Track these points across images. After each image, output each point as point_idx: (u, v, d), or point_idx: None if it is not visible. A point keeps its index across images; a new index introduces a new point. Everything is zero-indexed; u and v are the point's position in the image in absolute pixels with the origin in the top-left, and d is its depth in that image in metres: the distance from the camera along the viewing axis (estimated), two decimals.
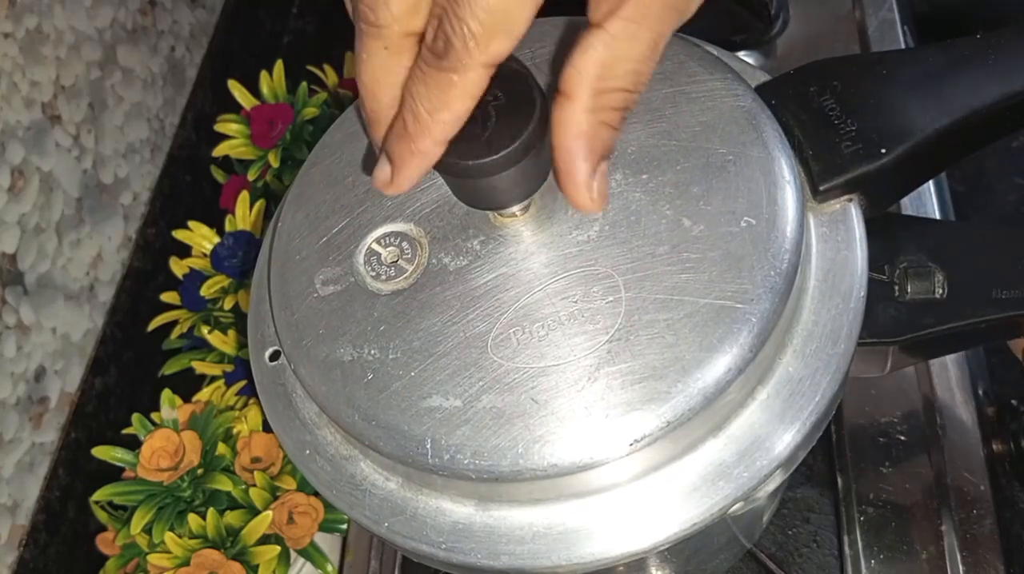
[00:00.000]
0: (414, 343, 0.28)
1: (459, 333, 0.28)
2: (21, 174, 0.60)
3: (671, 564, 0.46)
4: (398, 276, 0.30)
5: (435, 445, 0.27)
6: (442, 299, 0.29)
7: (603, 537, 0.28)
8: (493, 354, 0.27)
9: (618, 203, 0.29)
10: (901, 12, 0.71)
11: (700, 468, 0.28)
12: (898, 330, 0.31)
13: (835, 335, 0.29)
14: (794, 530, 0.54)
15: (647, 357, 0.26)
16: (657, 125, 0.30)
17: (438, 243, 0.30)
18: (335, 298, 0.30)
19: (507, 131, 0.25)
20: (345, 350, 0.29)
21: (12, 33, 0.60)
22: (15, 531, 0.57)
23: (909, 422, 0.54)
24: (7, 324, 0.58)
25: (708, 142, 0.30)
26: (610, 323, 0.27)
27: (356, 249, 0.30)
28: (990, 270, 0.31)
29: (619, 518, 0.28)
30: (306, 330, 0.30)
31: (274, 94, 0.72)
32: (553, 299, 0.28)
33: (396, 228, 0.30)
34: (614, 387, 0.26)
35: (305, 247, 0.31)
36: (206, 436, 0.56)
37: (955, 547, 0.50)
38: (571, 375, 0.26)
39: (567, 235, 0.29)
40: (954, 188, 0.64)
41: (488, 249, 0.29)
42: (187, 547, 0.52)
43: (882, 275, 0.31)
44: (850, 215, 0.30)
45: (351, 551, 0.58)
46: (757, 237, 0.27)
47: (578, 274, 0.28)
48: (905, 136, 0.30)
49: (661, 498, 0.28)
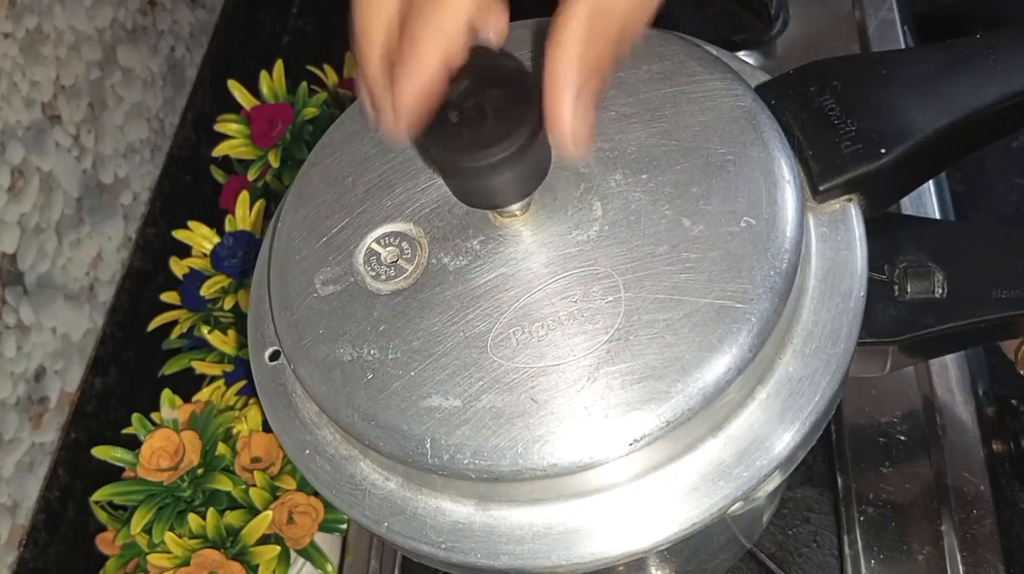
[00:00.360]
0: (414, 343, 0.28)
1: (459, 333, 0.28)
2: (21, 174, 0.60)
3: (671, 564, 0.46)
4: (398, 276, 0.30)
5: (435, 445, 0.27)
6: (442, 299, 0.29)
7: (603, 537, 0.28)
8: (493, 354, 0.27)
9: (618, 203, 0.29)
10: (901, 12, 0.71)
11: (700, 468, 0.28)
12: (898, 330, 0.31)
13: (835, 335, 0.29)
14: (794, 530, 0.54)
15: (647, 357, 0.26)
16: (657, 125, 0.30)
17: (438, 243, 0.30)
18: (335, 298, 0.30)
19: (504, 130, 0.25)
20: (345, 350, 0.29)
21: (12, 33, 0.60)
22: (15, 531, 0.57)
23: (909, 422, 0.54)
24: (7, 324, 0.58)
25: (708, 142, 0.30)
26: (610, 323, 0.27)
27: (356, 249, 0.30)
28: (990, 270, 0.31)
29: (619, 518, 0.28)
30: (306, 330, 0.30)
31: (274, 94, 0.72)
32: (553, 299, 0.28)
33: (396, 228, 0.30)
34: (614, 387, 0.26)
35: (305, 247, 0.31)
36: (206, 436, 0.56)
37: (955, 547, 0.50)
38: (571, 375, 0.26)
39: (567, 235, 0.29)
40: (954, 188, 0.64)
41: (488, 249, 0.29)
42: (187, 547, 0.52)
43: (882, 275, 0.31)
44: (850, 215, 0.30)
45: (351, 551, 0.58)
46: (757, 237, 0.27)
47: (578, 274, 0.28)
48: (905, 136, 0.30)
49: (661, 498, 0.28)
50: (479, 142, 0.25)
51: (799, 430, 0.28)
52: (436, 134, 0.25)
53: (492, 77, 0.25)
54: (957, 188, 0.64)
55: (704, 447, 0.28)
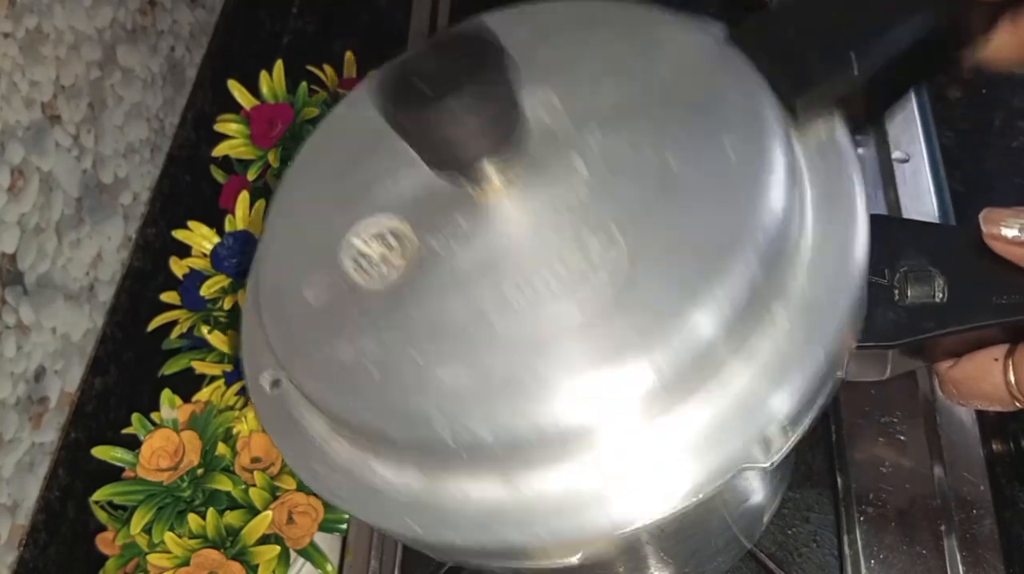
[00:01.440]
0: (414, 332, 0.28)
1: (459, 313, 0.27)
2: (21, 174, 0.60)
3: (671, 565, 0.46)
4: (388, 270, 0.29)
5: (453, 424, 0.26)
6: (437, 284, 0.28)
7: (638, 495, 0.26)
8: (497, 326, 0.27)
9: (601, 160, 0.28)
10: None
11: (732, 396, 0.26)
12: (898, 334, 0.31)
13: (843, 254, 0.28)
14: (794, 530, 0.54)
15: (657, 299, 0.25)
16: (628, 79, 0.30)
17: (424, 231, 0.29)
18: (328, 306, 0.29)
19: (461, 77, 0.25)
20: (345, 353, 0.28)
21: (12, 33, 0.60)
22: (15, 531, 0.57)
23: (909, 422, 0.55)
24: (7, 324, 0.58)
25: (683, 87, 0.29)
26: (614, 273, 0.26)
27: (343, 252, 0.30)
28: (991, 275, 0.31)
29: (654, 471, 0.26)
30: (303, 344, 0.29)
31: (274, 94, 0.72)
32: (552, 261, 0.27)
33: (380, 222, 0.30)
34: (628, 333, 0.25)
35: (291, 260, 0.31)
36: (206, 436, 0.56)
37: (955, 547, 0.50)
38: (582, 330, 0.26)
39: (555, 200, 0.28)
40: (954, 188, 0.64)
41: (477, 228, 0.28)
42: (187, 547, 0.52)
43: (882, 279, 0.31)
44: (839, 142, 0.30)
45: (351, 551, 0.58)
46: (747, 166, 0.27)
47: (571, 234, 0.27)
48: (874, 42, 0.30)
49: (693, 439, 0.26)
50: (437, 92, 0.25)
51: (826, 348, 0.26)
52: (398, 96, 0.25)
53: (460, 48, 0.25)
54: (957, 188, 0.64)
55: (731, 373, 0.26)
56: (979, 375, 0.33)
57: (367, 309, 0.29)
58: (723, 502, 0.43)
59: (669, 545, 0.45)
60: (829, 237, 0.28)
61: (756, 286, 0.25)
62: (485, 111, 0.25)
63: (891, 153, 0.65)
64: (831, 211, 0.29)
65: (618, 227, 0.27)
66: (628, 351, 0.25)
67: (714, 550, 0.50)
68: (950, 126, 0.68)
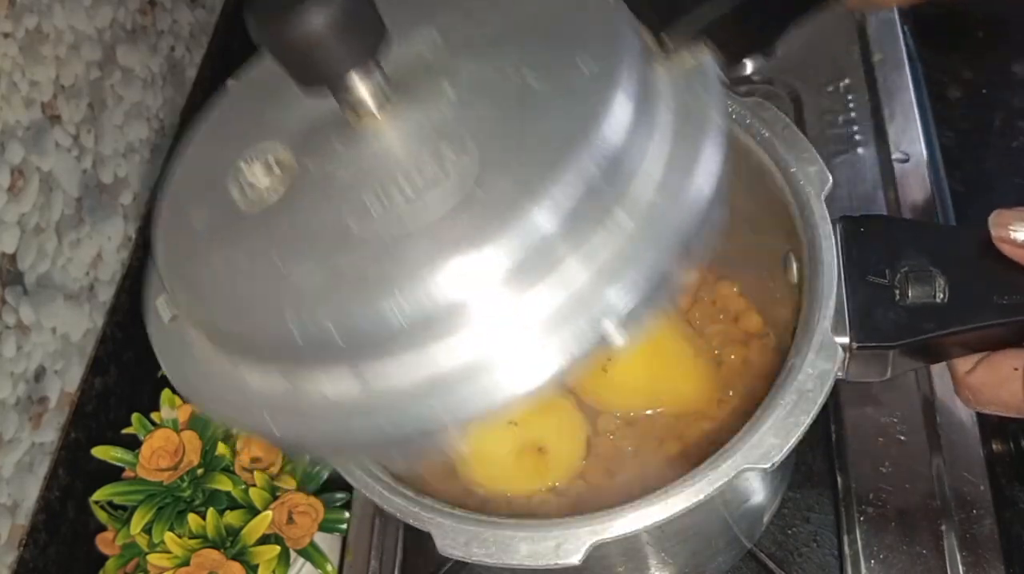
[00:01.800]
0: (281, 245, 0.29)
1: (322, 224, 0.29)
2: (21, 174, 0.60)
3: (672, 565, 0.46)
4: (269, 195, 0.31)
5: (300, 321, 0.27)
6: (309, 201, 0.30)
7: (508, 370, 0.27)
8: (355, 232, 0.28)
9: (467, 83, 0.30)
10: (901, 12, 0.71)
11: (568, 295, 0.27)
12: (899, 334, 0.31)
13: (693, 174, 0.29)
14: (794, 530, 0.54)
15: (502, 193, 0.27)
16: (498, 14, 0.32)
17: (304, 155, 0.31)
18: (209, 229, 0.31)
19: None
20: (216, 266, 0.30)
21: (12, 33, 0.60)
22: (15, 531, 0.57)
23: (909, 422, 0.55)
24: (7, 324, 0.57)
25: (549, 18, 0.31)
26: (465, 174, 0.28)
27: (228, 179, 0.32)
28: (992, 275, 0.31)
29: (521, 347, 0.27)
30: (182, 263, 0.31)
31: None
32: (411, 172, 0.29)
33: (264, 150, 0.32)
34: (475, 222, 0.26)
35: (185, 194, 0.34)
36: (206, 436, 0.56)
37: (955, 547, 0.50)
38: (433, 227, 0.27)
39: (423, 121, 0.30)
40: (954, 188, 0.64)
41: (350, 149, 0.30)
42: (187, 547, 0.52)
43: (883, 279, 0.31)
44: (707, 71, 0.31)
45: (351, 551, 0.58)
46: (601, 79, 0.28)
47: (431, 148, 0.29)
48: None
49: (520, 342, 0.27)
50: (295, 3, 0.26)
51: (664, 253, 0.28)
52: (259, 9, 0.28)
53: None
54: (957, 188, 0.64)
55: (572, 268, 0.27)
56: (997, 383, 0.33)
57: (243, 228, 0.31)
58: (724, 502, 0.44)
59: (670, 545, 0.45)
60: (682, 157, 0.29)
61: (594, 189, 0.27)
62: (344, 21, 0.27)
63: (891, 153, 0.65)
64: (689, 134, 0.30)
65: (473, 139, 0.29)
66: (468, 245, 0.26)
67: (714, 550, 0.50)
68: (950, 126, 0.68)
